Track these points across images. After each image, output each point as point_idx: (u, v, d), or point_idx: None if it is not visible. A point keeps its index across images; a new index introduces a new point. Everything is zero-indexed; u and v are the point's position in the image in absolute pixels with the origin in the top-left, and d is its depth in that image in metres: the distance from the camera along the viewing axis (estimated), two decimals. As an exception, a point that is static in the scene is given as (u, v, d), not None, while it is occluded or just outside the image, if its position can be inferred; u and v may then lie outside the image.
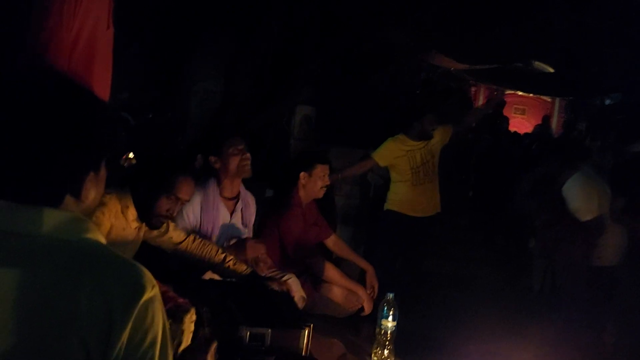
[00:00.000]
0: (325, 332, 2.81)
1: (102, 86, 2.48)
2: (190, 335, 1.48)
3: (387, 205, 4.10)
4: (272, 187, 4.36)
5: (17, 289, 0.83)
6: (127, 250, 2.19)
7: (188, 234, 2.39)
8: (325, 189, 3.17)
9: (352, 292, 3.05)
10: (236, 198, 2.83)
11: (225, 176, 2.72)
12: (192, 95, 5.92)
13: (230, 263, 2.39)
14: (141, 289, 0.88)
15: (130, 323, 0.86)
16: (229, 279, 2.39)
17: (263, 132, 5.55)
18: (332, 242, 3.34)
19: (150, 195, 2.11)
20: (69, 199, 0.92)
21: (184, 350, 1.37)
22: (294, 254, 3.04)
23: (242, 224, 2.85)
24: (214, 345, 1.39)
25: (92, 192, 0.96)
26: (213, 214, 2.67)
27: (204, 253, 2.38)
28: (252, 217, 2.95)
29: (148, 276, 0.91)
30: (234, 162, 2.69)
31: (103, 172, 1.00)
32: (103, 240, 0.96)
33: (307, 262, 3.04)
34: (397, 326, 2.49)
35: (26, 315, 0.83)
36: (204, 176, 2.70)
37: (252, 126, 5.50)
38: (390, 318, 2.47)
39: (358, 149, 4.88)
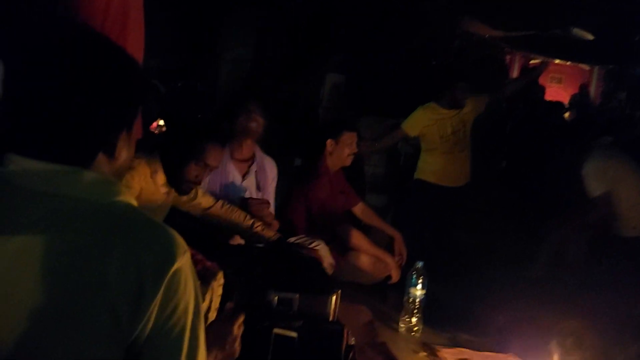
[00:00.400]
0: (352, 299, 2.82)
1: (134, 53, 2.48)
2: (219, 299, 1.49)
3: (417, 174, 4.07)
4: (301, 156, 4.36)
5: (47, 250, 0.82)
6: (156, 214, 2.21)
7: (217, 200, 2.40)
8: (352, 156, 3.14)
9: (379, 260, 3.03)
10: (249, 160, 2.83)
11: (233, 137, 2.72)
12: (223, 62, 5.91)
13: (259, 228, 2.40)
14: (173, 255, 0.86)
15: (162, 290, 0.83)
16: (257, 245, 2.40)
17: (292, 100, 5.52)
18: (359, 210, 3.32)
19: (179, 161, 2.12)
20: (101, 157, 0.90)
21: (211, 322, 1.37)
22: (322, 221, 3.04)
23: (257, 187, 2.85)
24: (241, 317, 1.37)
25: (124, 151, 0.95)
26: (220, 175, 2.68)
27: (233, 218, 2.40)
28: (269, 181, 2.94)
29: (180, 241, 0.89)
30: (241, 122, 2.70)
31: (135, 132, 0.98)
32: (135, 203, 0.93)
33: (335, 229, 3.04)
34: (425, 295, 2.48)
35: (56, 278, 0.81)
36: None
37: (282, 94, 5.47)
38: (419, 286, 2.45)
39: (388, 118, 4.81)
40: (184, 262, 0.87)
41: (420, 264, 2.47)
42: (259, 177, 2.88)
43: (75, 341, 0.81)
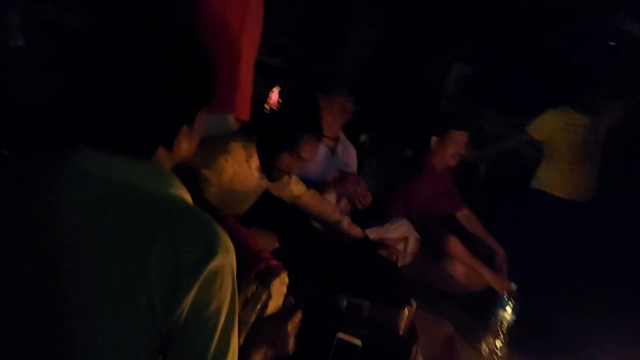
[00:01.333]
0: (438, 309, 2.69)
1: (252, 39, 2.54)
2: (282, 297, 1.47)
3: (535, 183, 3.73)
4: (412, 147, 4.21)
5: (98, 232, 0.85)
6: (249, 197, 2.26)
7: (308, 188, 2.39)
8: (458, 157, 2.96)
9: (475, 272, 2.86)
10: (336, 140, 2.83)
11: (327, 114, 2.68)
12: (348, 43, 5.87)
13: (345, 224, 2.36)
14: (213, 252, 0.86)
15: (197, 285, 0.84)
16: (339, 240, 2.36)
17: (414, 87, 5.34)
18: (463, 216, 3.15)
19: (273, 149, 2.12)
20: (161, 150, 0.94)
21: (266, 318, 1.36)
22: (418, 221, 2.92)
23: (345, 164, 2.84)
24: (297, 315, 1.35)
25: (184, 145, 0.98)
26: None
27: (321, 210, 2.38)
28: (353, 163, 2.91)
29: (224, 240, 0.89)
30: (338, 102, 2.67)
31: (198, 125, 1.00)
32: (187, 197, 0.95)
33: (431, 232, 2.90)
34: (516, 318, 2.30)
35: (103, 260, 0.84)
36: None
37: (404, 80, 5.32)
38: (508, 309, 2.28)
39: (514, 115, 4.48)
40: (224, 261, 0.87)
41: (514, 287, 2.29)
42: (345, 156, 2.86)
43: (115, 322, 0.84)
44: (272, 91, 4.86)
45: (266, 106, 4.87)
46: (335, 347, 1.71)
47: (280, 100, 4.77)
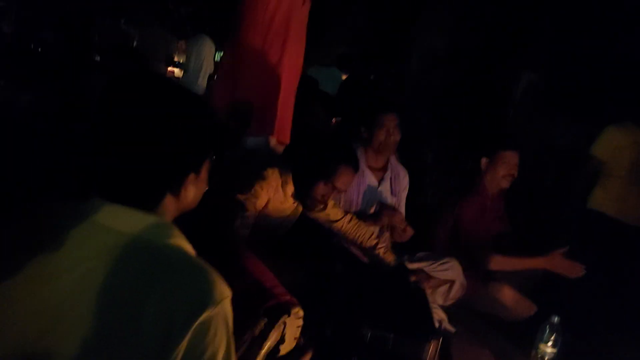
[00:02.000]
0: (483, 335, 2.63)
1: (292, 64, 2.60)
2: (296, 331, 1.50)
3: (592, 203, 3.49)
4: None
5: (99, 281, 0.91)
6: (284, 222, 2.31)
7: (345, 214, 2.41)
8: (510, 178, 2.86)
9: (524, 298, 2.76)
10: (384, 169, 2.80)
11: (370, 148, 2.72)
12: (414, 52, 5.80)
13: (381, 251, 2.36)
14: (206, 303, 0.89)
15: (189, 335, 0.88)
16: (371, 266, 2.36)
17: (477, 97, 5.19)
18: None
19: (309, 178, 2.15)
20: (169, 197, 1.01)
21: (279, 357, 1.40)
22: (466, 243, 2.85)
23: (392, 193, 2.82)
24: (309, 354, 1.38)
25: (191, 192, 1.04)
26: (358, 180, 2.66)
27: (357, 235, 2.39)
28: (402, 189, 2.88)
29: (220, 289, 0.92)
30: (379, 137, 2.67)
31: (204, 174, 1.06)
32: (189, 248, 1.00)
33: (479, 255, 2.83)
34: (559, 352, 2.20)
35: (101, 308, 0.90)
36: (354, 143, 2.73)
37: (470, 90, 5.19)
38: (550, 343, 2.18)
39: (583, 123, 4.21)
40: (218, 310, 0.90)
41: (556, 319, 2.19)
42: (393, 184, 2.84)
43: None
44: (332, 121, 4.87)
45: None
46: (357, 380, 1.74)
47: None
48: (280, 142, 2.59)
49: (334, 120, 4.43)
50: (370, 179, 2.75)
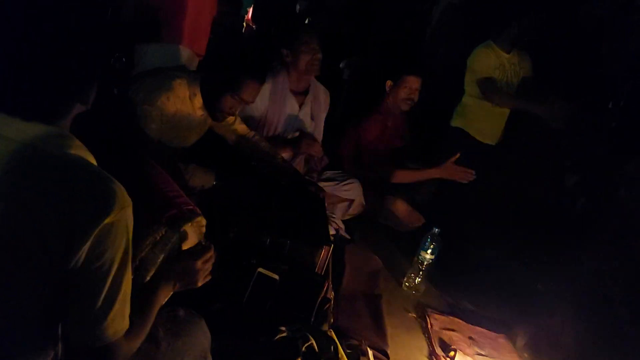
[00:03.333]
0: (377, 244, 2.89)
1: None
2: (198, 237, 1.61)
3: (455, 122, 3.45)
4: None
5: (2, 188, 0.96)
6: (192, 134, 2.36)
7: (250, 130, 2.50)
8: (410, 102, 3.04)
9: (414, 211, 3.05)
10: (305, 92, 2.85)
11: (294, 71, 2.74)
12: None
13: (280, 160, 2.51)
14: (107, 210, 0.98)
15: (91, 239, 0.97)
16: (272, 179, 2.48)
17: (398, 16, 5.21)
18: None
19: (216, 91, 2.20)
20: (79, 107, 1.05)
21: (178, 255, 1.50)
22: (368, 159, 3.06)
23: (312, 118, 2.89)
24: (209, 253, 1.47)
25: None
26: (280, 105, 2.73)
27: (259, 148, 2.51)
28: (321, 111, 2.96)
29: (120, 197, 1.00)
30: (303, 60, 2.68)
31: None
32: (90, 158, 1.05)
33: (379, 170, 3.06)
34: (437, 258, 2.49)
35: (4, 213, 0.96)
36: (276, 67, 2.74)
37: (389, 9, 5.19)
38: (429, 251, 2.47)
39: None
40: (118, 217, 0.99)
41: (436, 230, 2.46)
42: (314, 107, 2.91)
43: (11, 267, 0.97)
44: (247, 10, 4.82)
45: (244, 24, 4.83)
46: (255, 281, 1.91)
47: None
48: (196, 54, 2.55)
49: (249, 19, 4.37)
50: (292, 104, 2.80)
